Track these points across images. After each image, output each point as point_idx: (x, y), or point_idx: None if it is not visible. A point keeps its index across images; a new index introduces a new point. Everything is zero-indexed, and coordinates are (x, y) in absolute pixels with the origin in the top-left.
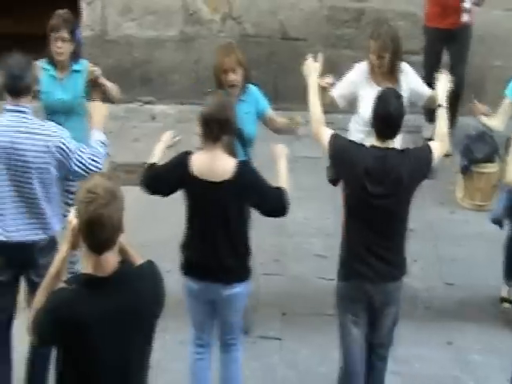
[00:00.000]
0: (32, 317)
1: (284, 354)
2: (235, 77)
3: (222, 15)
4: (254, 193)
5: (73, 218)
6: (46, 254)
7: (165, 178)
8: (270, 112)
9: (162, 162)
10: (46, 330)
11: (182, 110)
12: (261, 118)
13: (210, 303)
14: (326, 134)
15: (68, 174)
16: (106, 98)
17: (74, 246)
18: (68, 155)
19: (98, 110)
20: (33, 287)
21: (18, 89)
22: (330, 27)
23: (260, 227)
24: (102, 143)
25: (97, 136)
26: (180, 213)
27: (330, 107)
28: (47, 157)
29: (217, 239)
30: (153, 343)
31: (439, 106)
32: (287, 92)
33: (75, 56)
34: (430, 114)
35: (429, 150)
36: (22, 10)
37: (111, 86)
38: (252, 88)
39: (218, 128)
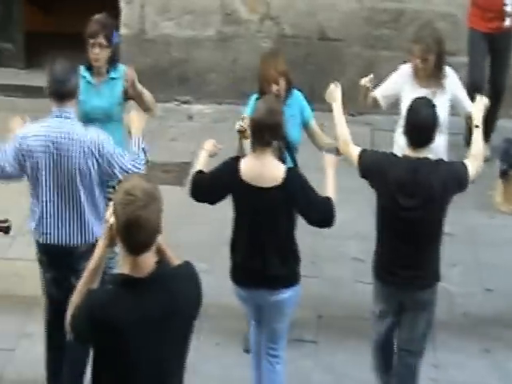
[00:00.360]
0: (70, 312)
1: (320, 358)
2: (278, 87)
3: (260, 15)
4: (302, 200)
5: (110, 216)
6: (87, 259)
7: (214, 186)
8: (313, 124)
9: (205, 170)
10: (83, 328)
11: (219, 109)
12: (304, 126)
13: (258, 309)
14: (355, 153)
15: (110, 178)
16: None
17: (111, 244)
18: (109, 160)
19: (137, 119)
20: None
21: (62, 93)
22: (368, 28)
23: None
24: (143, 149)
25: (137, 142)
26: (217, 212)
27: (369, 109)
28: (89, 161)
29: (265, 245)
30: (189, 345)
31: (476, 126)
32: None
33: (113, 61)
34: (468, 137)
35: (464, 166)
36: (62, 8)
37: (148, 95)
38: (296, 93)
39: (269, 133)
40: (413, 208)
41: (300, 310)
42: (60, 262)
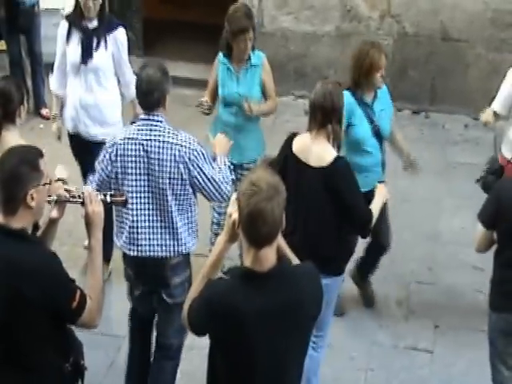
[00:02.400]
0: (187, 306)
1: (436, 368)
2: (383, 74)
3: (381, 12)
4: (342, 194)
5: (233, 210)
6: (179, 272)
7: (278, 158)
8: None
9: None
10: (201, 320)
11: None
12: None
13: None
14: (478, 231)
15: (199, 189)
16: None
17: (232, 239)
18: (201, 169)
19: (221, 143)
20: (164, 308)
21: (147, 106)
22: (493, 30)
23: (413, 233)
24: (229, 168)
25: (223, 160)
26: None
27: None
28: (180, 167)
29: (306, 223)
30: (308, 344)
31: None
32: (446, 94)
33: (253, 48)
34: None
35: None
36: None
37: (266, 110)
38: (384, 87)
39: (323, 115)
40: None
41: (416, 317)
42: (150, 276)
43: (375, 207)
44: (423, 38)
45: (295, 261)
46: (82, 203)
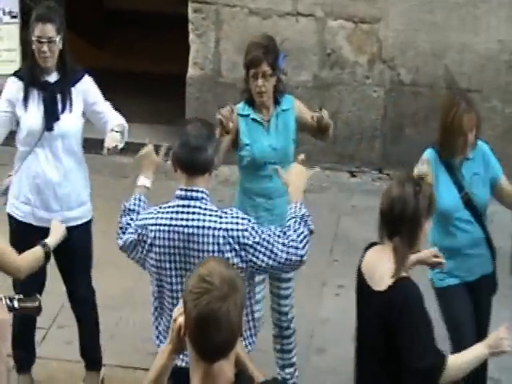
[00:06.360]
0: None
1: None
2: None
3: (370, 56)
4: (402, 330)
5: (178, 313)
6: None
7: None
8: (503, 180)
9: None
10: None
11: None
12: (492, 185)
13: None
14: None
15: (259, 272)
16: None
17: (177, 350)
18: (255, 250)
19: (295, 175)
20: None
21: (195, 165)
22: (511, 76)
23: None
24: (304, 220)
25: (296, 210)
26: None
27: None
28: (226, 255)
29: (362, 370)
30: None
31: None
32: None
33: (279, 91)
34: None
35: None
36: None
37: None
38: (481, 144)
39: (391, 226)
40: None
41: None
42: None
43: (466, 356)
44: (423, 89)
45: (260, 377)
46: None
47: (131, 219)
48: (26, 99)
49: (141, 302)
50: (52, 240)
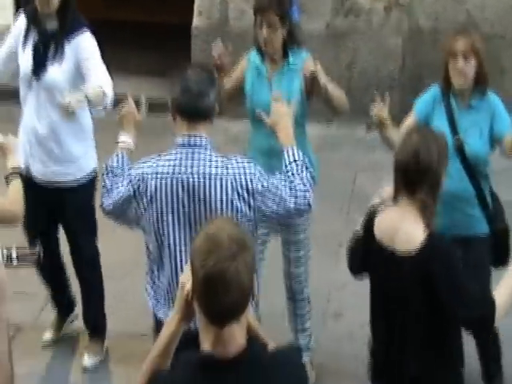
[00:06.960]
0: None
1: None
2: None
3: (386, 3)
4: (442, 285)
5: (186, 278)
6: None
7: (355, 253)
8: (510, 137)
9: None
10: None
11: None
12: (496, 140)
13: None
14: None
15: (267, 222)
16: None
17: (187, 317)
18: (264, 197)
19: (280, 116)
20: None
21: (197, 111)
22: None
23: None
24: (304, 165)
25: (291, 155)
26: None
27: None
28: (236, 204)
29: (400, 338)
30: None
31: None
32: None
33: (291, 45)
34: None
35: None
36: None
37: (336, 93)
38: (492, 96)
39: (414, 181)
40: None
41: None
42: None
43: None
44: (443, 36)
45: (271, 343)
46: None
47: (116, 176)
48: (25, 39)
49: None
50: (13, 161)
